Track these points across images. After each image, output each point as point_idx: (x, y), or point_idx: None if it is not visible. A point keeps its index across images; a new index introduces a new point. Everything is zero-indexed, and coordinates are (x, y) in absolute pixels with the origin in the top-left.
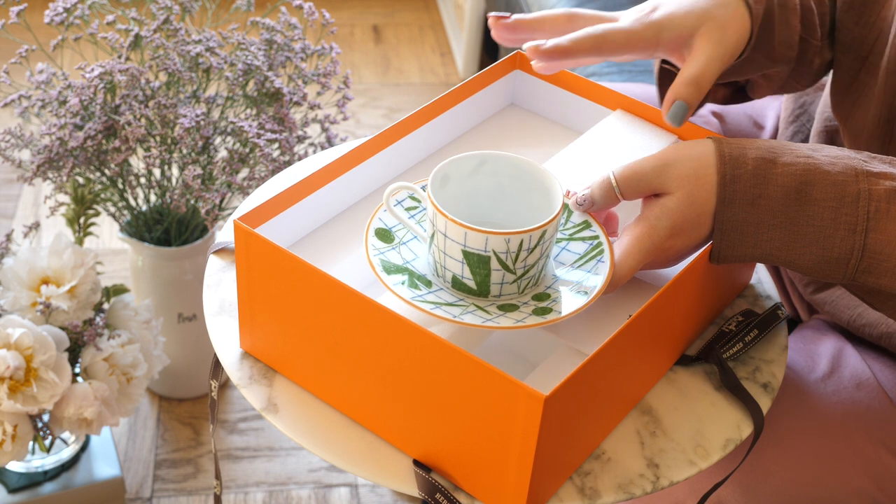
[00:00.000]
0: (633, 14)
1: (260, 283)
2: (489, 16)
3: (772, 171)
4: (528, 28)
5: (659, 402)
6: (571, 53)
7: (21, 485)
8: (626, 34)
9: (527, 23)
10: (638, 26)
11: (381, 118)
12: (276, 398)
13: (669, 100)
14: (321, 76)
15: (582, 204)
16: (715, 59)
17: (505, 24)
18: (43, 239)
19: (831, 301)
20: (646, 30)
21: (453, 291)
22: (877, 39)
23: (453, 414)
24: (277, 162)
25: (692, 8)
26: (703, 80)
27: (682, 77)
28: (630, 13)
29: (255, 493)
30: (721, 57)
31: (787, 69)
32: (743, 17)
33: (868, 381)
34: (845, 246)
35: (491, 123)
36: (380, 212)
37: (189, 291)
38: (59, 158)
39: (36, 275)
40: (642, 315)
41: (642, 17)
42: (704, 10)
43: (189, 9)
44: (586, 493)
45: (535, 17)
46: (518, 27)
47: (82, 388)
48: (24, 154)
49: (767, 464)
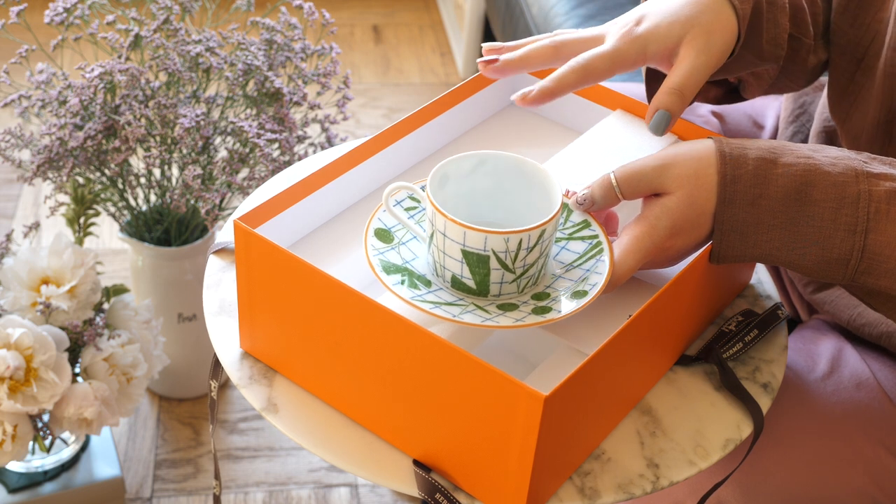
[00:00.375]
0: (618, 29)
1: (260, 283)
2: (478, 62)
3: (772, 172)
4: (517, 67)
5: (659, 402)
6: (558, 92)
7: (21, 485)
8: (610, 58)
9: (515, 62)
10: (622, 45)
11: (381, 118)
12: (276, 398)
13: (652, 109)
14: (321, 76)
15: (582, 204)
16: (699, 67)
17: (495, 67)
18: (43, 239)
19: (831, 301)
20: (630, 48)
21: (453, 291)
22: (872, 42)
23: (453, 414)
24: (277, 162)
25: (677, 16)
26: (687, 88)
27: (665, 86)
28: (615, 28)
29: (255, 493)
30: (706, 64)
31: (776, 67)
32: (729, 20)
33: (868, 380)
34: (845, 247)
35: (491, 123)
36: (379, 212)
37: (189, 291)
38: (59, 158)
39: (36, 275)
40: (642, 315)
41: (627, 33)
42: (689, 16)
43: (189, 9)
44: (586, 493)
45: (521, 55)
46: (507, 68)
47: (82, 388)
48: (24, 154)
49: (767, 464)
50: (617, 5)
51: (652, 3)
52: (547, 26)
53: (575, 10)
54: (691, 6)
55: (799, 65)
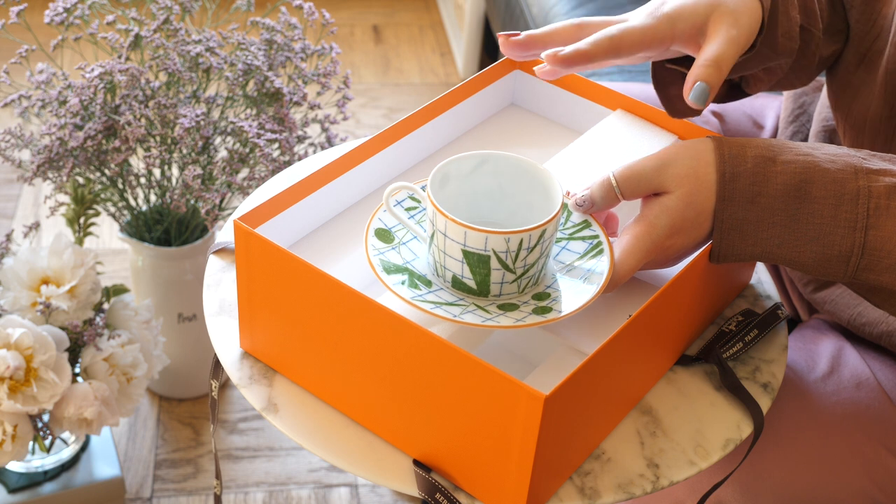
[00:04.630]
0: (643, 12)
1: (260, 283)
2: (499, 35)
3: (771, 170)
4: (539, 43)
5: (659, 402)
6: (591, 56)
7: (21, 485)
8: (641, 31)
9: (538, 37)
10: (652, 21)
11: (381, 118)
12: (276, 398)
13: (690, 81)
14: (321, 76)
15: (582, 205)
16: (732, 40)
17: (516, 41)
18: (43, 239)
19: (831, 300)
20: (659, 24)
21: (453, 291)
22: (877, 38)
23: (453, 414)
24: (277, 162)
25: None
26: (723, 59)
27: (701, 58)
28: (638, 13)
29: (255, 493)
30: (737, 38)
31: (789, 61)
32: (754, 3)
33: (868, 380)
34: (845, 243)
35: (491, 123)
36: (380, 212)
37: (189, 291)
38: (59, 158)
39: (36, 275)
40: (642, 315)
41: (653, 12)
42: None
43: (189, 9)
44: (586, 493)
45: (545, 32)
46: (530, 43)
47: (82, 388)
48: (24, 154)
49: (767, 464)
50: (617, 5)
51: None
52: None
53: (575, 11)
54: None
55: (808, 58)
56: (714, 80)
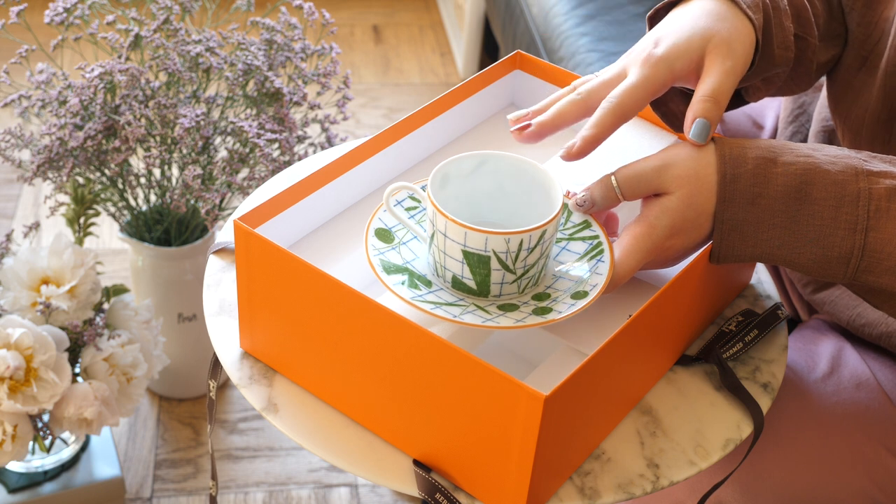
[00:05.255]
0: (637, 58)
1: (260, 283)
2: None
3: (772, 171)
4: (551, 127)
5: (659, 402)
6: (601, 137)
7: (21, 485)
8: (643, 87)
9: (549, 123)
10: (649, 72)
11: (381, 118)
12: (276, 398)
13: (690, 118)
14: (321, 76)
15: (582, 206)
16: (728, 72)
17: (530, 133)
18: (43, 239)
19: (831, 301)
20: (657, 72)
21: (453, 291)
22: (878, 41)
23: (453, 414)
24: (277, 162)
25: (693, 30)
26: (720, 93)
27: (699, 94)
28: (634, 58)
29: (255, 493)
30: (733, 69)
31: (786, 70)
32: (745, 28)
33: (868, 381)
34: (846, 245)
35: (491, 123)
36: (380, 212)
37: (189, 291)
38: (59, 158)
39: (36, 275)
40: (642, 315)
41: (647, 58)
42: (705, 28)
43: (189, 9)
44: (586, 493)
45: (554, 115)
46: (543, 131)
47: (82, 388)
48: (24, 154)
49: (767, 464)
50: (617, 5)
51: (663, 26)
52: (547, 26)
53: (575, 10)
54: (706, 19)
55: (805, 66)
56: (713, 116)
